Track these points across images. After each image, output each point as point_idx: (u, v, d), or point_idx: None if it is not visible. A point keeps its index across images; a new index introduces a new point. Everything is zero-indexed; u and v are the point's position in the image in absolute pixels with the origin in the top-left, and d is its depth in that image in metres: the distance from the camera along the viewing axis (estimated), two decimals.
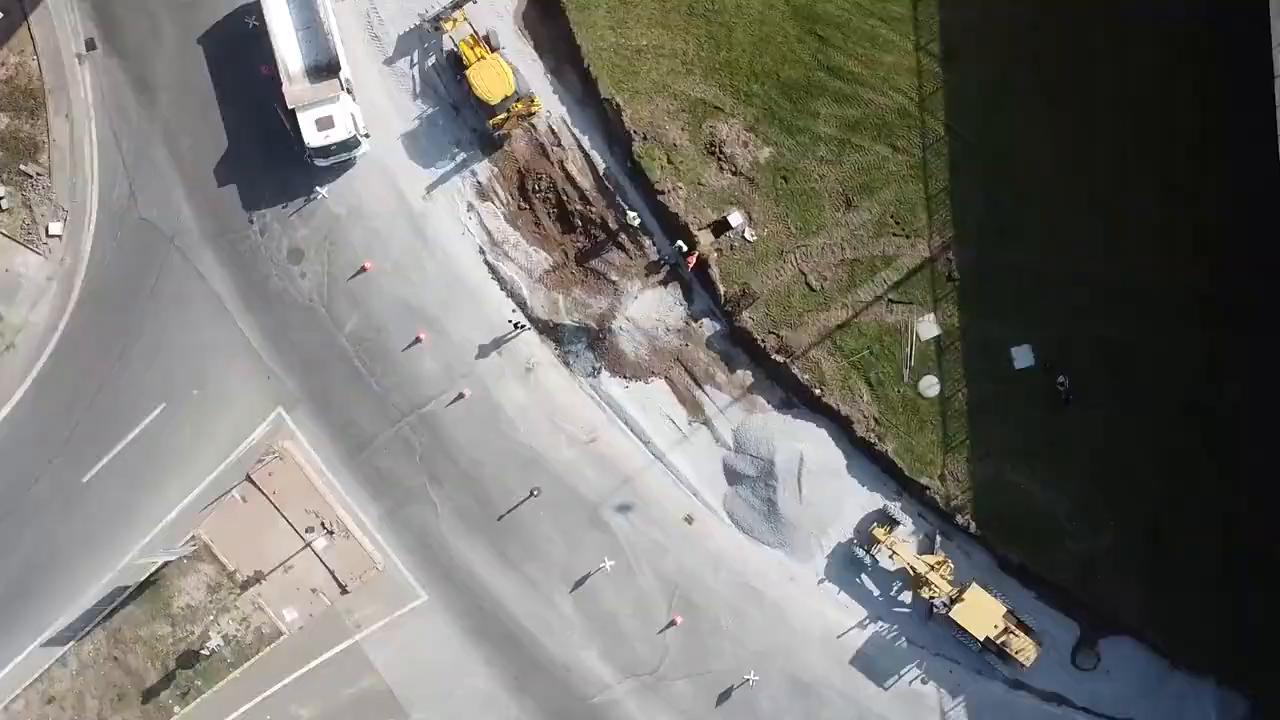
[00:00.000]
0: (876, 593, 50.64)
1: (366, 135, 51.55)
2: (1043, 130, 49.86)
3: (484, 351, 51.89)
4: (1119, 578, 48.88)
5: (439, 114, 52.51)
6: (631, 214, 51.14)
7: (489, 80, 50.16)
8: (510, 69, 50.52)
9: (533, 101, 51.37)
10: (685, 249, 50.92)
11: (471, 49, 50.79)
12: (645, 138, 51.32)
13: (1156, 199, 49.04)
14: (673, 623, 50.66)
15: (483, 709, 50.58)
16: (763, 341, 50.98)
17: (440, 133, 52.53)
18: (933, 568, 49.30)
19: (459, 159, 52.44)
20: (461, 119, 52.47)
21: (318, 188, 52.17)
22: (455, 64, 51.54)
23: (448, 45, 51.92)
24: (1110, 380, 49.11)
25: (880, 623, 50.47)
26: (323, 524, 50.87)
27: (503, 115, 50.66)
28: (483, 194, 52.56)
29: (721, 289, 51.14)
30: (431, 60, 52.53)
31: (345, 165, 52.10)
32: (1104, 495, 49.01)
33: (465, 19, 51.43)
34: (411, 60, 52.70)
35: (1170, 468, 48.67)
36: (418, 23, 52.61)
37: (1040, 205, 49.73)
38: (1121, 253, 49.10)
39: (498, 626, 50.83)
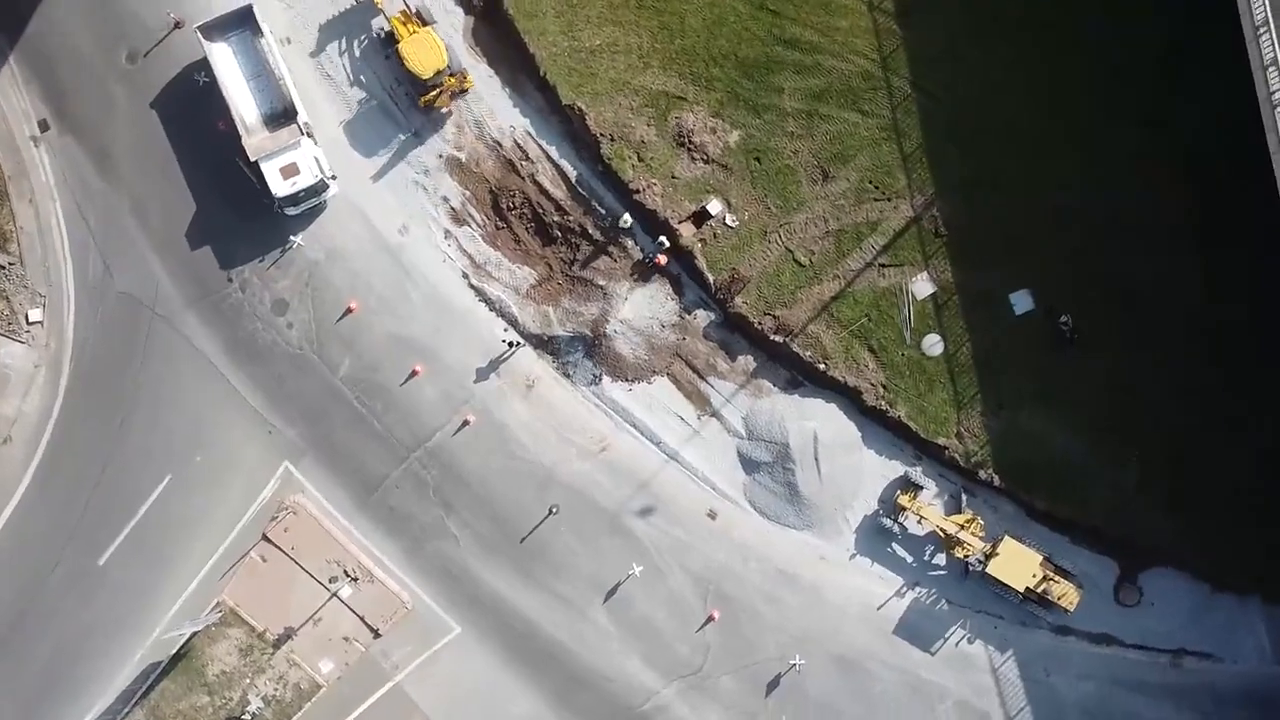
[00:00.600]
0: (910, 560, 50.19)
1: (333, 177, 50.88)
2: (1010, 74, 49.32)
3: (482, 375, 51.37)
4: (1149, 510, 48.55)
5: (403, 144, 51.87)
6: (625, 217, 50.52)
7: (421, 54, 49.31)
8: (443, 43, 49.67)
9: (465, 77, 50.59)
10: (666, 244, 50.38)
11: (404, 24, 50.09)
12: (612, 139, 50.75)
13: (1134, 127, 48.51)
14: (710, 619, 50.21)
15: None
16: (759, 324, 50.49)
17: (407, 164, 51.89)
18: (962, 527, 48.86)
19: (428, 186, 51.84)
20: (425, 143, 51.86)
21: (292, 236, 51.57)
22: (388, 41, 50.81)
23: (380, 25, 51.24)
24: (1113, 314, 48.66)
25: (918, 589, 50.07)
26: (345, 571, 50.36)
27: (434, 91, 49.90)
28: (458, 219, 51.99)
29: (710, 278, 50.62)
30: (390, 86, 51.76)
31: (316, 210, 51.48)
32: (1122, 429, 48.65)
33: None
34: (368, 95, 51.99)
35: (1184, 392, 48.24)
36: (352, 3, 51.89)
37: (1017, 149, 49.22)
38: (1106, 186, 48.59)
39: (534, 647, 50.43)
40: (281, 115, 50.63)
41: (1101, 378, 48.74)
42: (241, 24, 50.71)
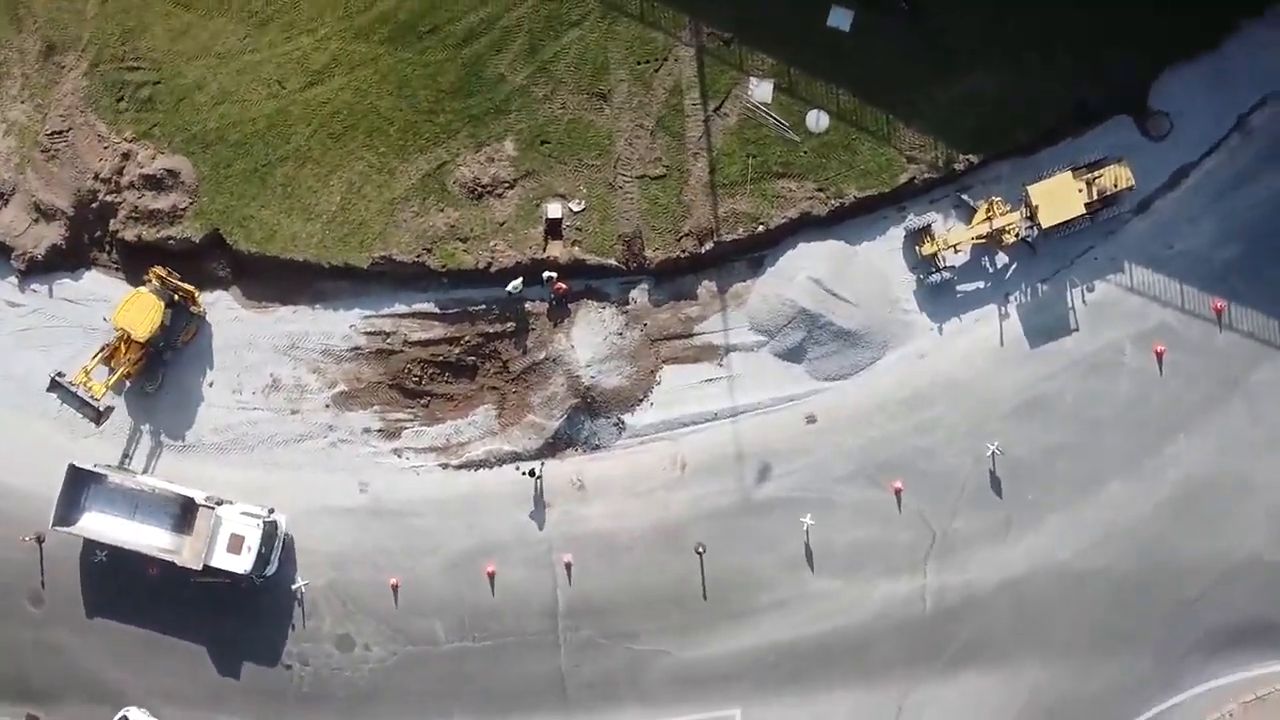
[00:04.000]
0: (981, 285, 47.07)
1: (271, 511, 47.25)
2: None
3: (538, 518, 47.80)
4: (1110, 49, 45.72)
5: (286, 423, 48.49)
6: (512, 286, 47.16)
7: (136, 315, 46.71)
8: (161, 303, 46.99)
9: (193, 299, 48.17)
10: (553, 273, 47.06)
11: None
12: (428, 249, 47.40)
13: None
14: (897, 492, 46.67)
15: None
16: (682, 254, 47.28)
17: (312, 440, 48.74)
18: (989, 218, 45.69)
19: (343, 434, 48.72)
20: (308, 407, 48.39)
21: (293, 586, 48.09)
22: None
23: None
24: None
25: (1012, 298, 46.91)
26: None
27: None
28: (390, 433, 48.54)
29: (610, 261, 47.30)
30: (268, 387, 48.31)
31: (287, 548, 47.95)
32: (1015, 36, 45.87)
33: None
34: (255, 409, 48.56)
35: None
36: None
37: None
38: None
39: (807, 661, 46.58)
40: (185, 512, 47.08)
41: (960, 18, 45.86)
42: (80, 485, 47.11)
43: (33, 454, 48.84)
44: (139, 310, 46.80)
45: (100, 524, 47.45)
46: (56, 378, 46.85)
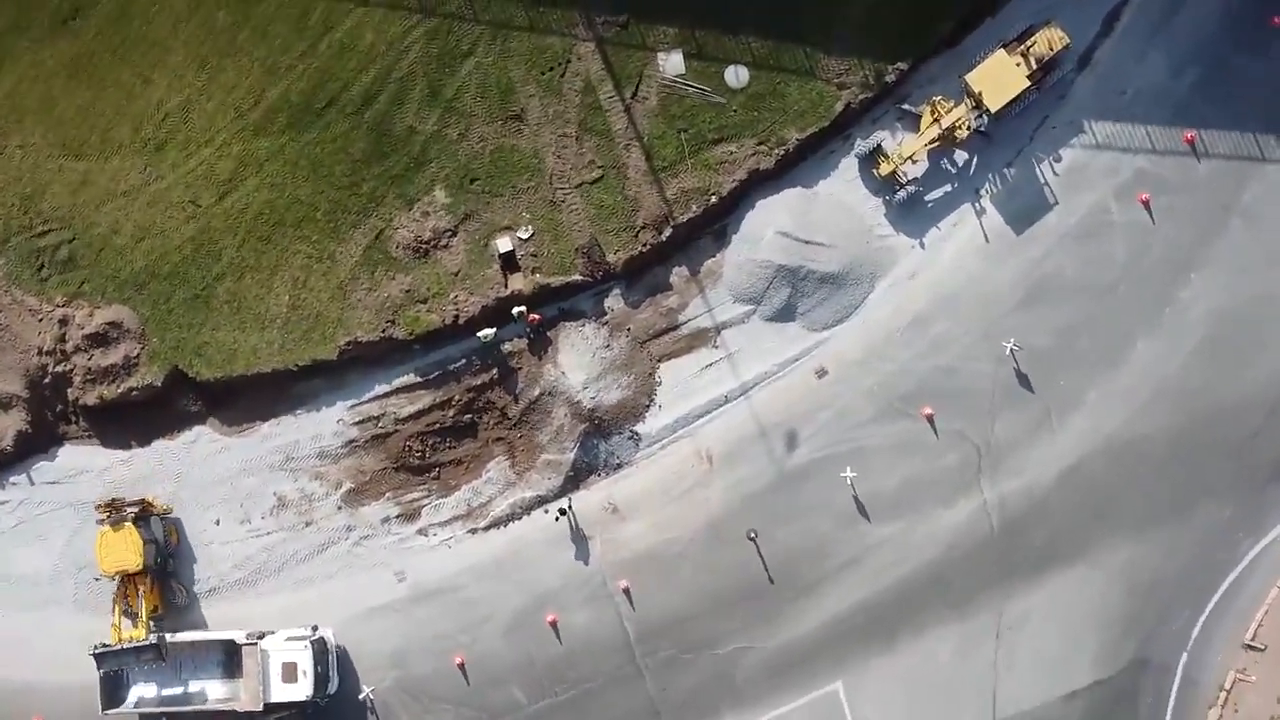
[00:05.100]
0: (948, 188, 45.78)
1: (315, 628, 45.56)
2: None
3: (584, 554, 46.17)
4: None
5: (304, 555, 47.10)
6: (484, 334, 45.59)
7: (116, 552, 44.93)
8: (141, 540, 45.03)
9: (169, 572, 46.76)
10: (520, 308, 45.49)
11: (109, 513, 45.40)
12: (392, 321, 45.81)
13: None
14: (928, 418, 45.15)
15: None
16: (643, 248, 45.72)
17: (336, 546, 47.02)
18: (936, 120, 44.34)
19: (361, 533, 47.09)
20: (313, 524, 46.78)
21: (359, 697, 46.37)
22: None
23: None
24: None
25: (981, 191, 45.57)
26: None
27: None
28: (410, 515, 46.90)
29: (575, 277, 45.78)
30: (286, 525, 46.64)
31: (341, 661, 46.22)
32: None
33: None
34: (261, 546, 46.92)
35: None
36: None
37: None
38: None
39: (890, 619, 44.98)
40: (230, 656, 45.51)
41: None
42: (117, 662, 45.21)
43: (64, 647, 46.80)
44: (116, 548, 45.06)
45: (151, 693, 45.82)
46: (99, 652, 45.09)
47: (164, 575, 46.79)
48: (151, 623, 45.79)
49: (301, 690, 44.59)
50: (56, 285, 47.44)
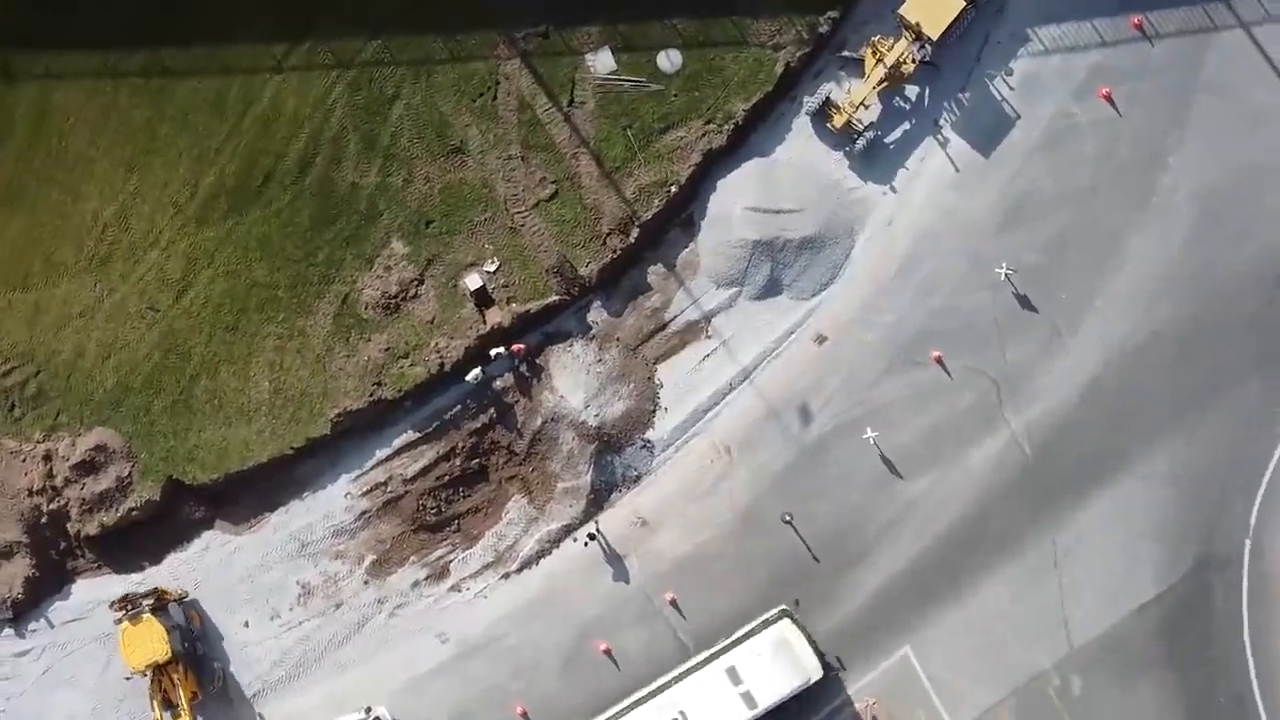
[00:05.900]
0: (907, 125, 44.92)
1: (369, 709, 44.51)
2: None
3: (621, 575, 45.10)
4: None
5: (348, 633, 45.68)
6: (472, 376, 44.40)
7: (139, 645, 43.95)
8: (164, 629, 44.04)
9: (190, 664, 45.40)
10: (501, 348, 44.37)
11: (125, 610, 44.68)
12: (378, 384, 44.52)
13: None
14: (938, 360, 44.02)
15: None
16: (615, 253, 44.77)
17: (373, 624, 45.86)
18: (880, 60, 43.24)
19: (392, 601, 45.95)
20: (366, 592, 45.57)
21: None
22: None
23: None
24: None
25: (940, 122, 44.79)
26: None
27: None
28: (439, 574, 45.74)
29: (552, 299, 44.69)
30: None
31: None
32: None
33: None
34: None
35: None
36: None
37: None
38: None
39: (936, 577, 43.80)
40: None
41: None
42: None
43: None
44: (141, 641, 44.07)
45: None
46: None
47: (195, 659, 45.48)
48: (194, 712, 44.52)
49: None
50: (32, 422, 46.20)
